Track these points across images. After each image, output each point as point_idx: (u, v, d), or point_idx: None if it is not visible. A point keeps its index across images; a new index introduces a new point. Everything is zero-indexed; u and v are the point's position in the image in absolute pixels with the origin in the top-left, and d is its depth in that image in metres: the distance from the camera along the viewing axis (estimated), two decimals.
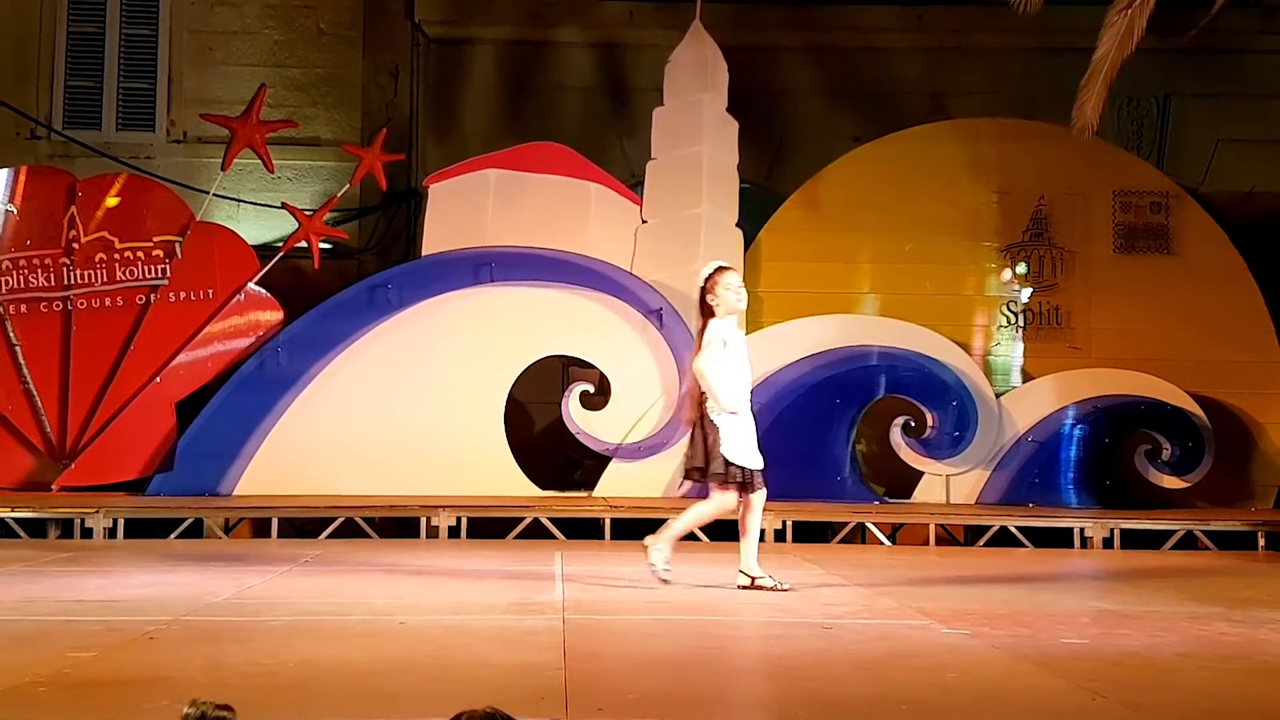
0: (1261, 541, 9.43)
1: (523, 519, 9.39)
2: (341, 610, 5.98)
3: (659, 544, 6.72)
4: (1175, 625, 5.85)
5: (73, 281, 10.27)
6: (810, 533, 9.62)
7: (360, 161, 10.72)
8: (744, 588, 6.62)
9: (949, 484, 10.42)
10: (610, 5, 12.38)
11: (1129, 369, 10.52)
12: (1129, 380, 10.47)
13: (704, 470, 6.68)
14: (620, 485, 10.16)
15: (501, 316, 10.30)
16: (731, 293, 6.75)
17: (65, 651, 4.84)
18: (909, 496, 10.46)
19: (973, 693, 4.43)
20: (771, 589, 6.55)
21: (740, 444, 6.64)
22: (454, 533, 9.25)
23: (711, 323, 6.77)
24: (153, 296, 10.29)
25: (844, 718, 4.16)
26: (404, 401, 10.17)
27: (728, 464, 6.59)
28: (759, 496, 6.71)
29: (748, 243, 10.73)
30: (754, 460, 6.66)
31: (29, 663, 4.63)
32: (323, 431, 10.03)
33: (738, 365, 6.76)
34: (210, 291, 10.33)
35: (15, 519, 9.03)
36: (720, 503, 6.69)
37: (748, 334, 10.32)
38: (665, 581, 6.63)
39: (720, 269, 6.83)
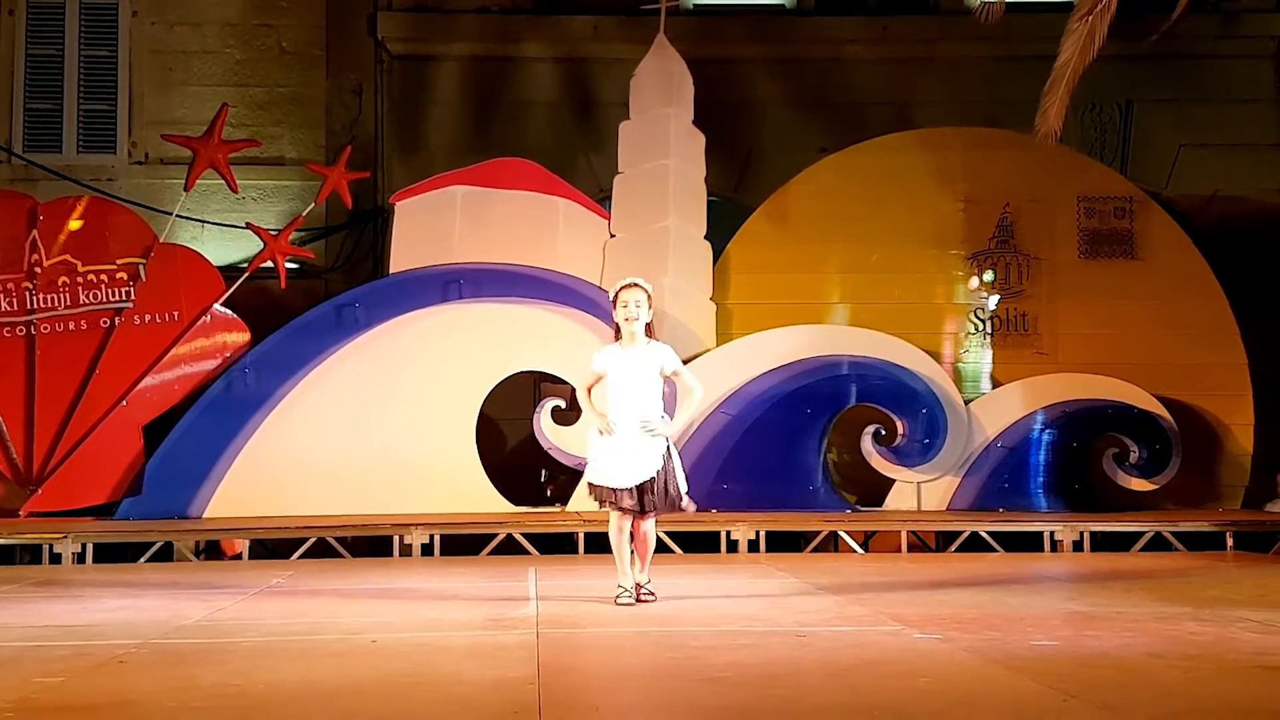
0: (1229, 542, 9.53)
1: (496, 535, 9.38)
2: (313, 630, 5.95)
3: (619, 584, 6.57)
4: (1144, 626, 5.89)
5: (36, 305, 10.18)
6: (783, 542, 9.65)
7: (325, 180, 10.71)
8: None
9: (920, 491, 10.46)
10: (574, 20, 12.40)
11: (1096, 373, 10.60)
12: (1096, 385, 10.55)
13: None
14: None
15: (471, 333, 10.27)
16: (617, 311, 6.60)
17: (32, 677, 4.79)
18: (881, 504, 10.49)
19: (945, 697, 4.44)
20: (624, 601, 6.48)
21: (598, 464, 6.52)
22: (427, 550, 9.22)
23: (600, 350, 6.72)
24: (117, 319, 10.22)
25: None
26: (374, 420, 10.13)
27: (590, 485, 6.59)
28: (648, 524, 6.55)
29: (716, 255, 10.77)
30: (612, 478, 6.46)
31: None
32: (293, 452, 9.98)
33: (616, 387, 6.55)
34: (176, 313, 10.28)
35: None
36: (611, 524, 6.56)
37: (718, 345, 10.49)
38: (643, 601, 6.51)
39: (625, 285, 6.59)
